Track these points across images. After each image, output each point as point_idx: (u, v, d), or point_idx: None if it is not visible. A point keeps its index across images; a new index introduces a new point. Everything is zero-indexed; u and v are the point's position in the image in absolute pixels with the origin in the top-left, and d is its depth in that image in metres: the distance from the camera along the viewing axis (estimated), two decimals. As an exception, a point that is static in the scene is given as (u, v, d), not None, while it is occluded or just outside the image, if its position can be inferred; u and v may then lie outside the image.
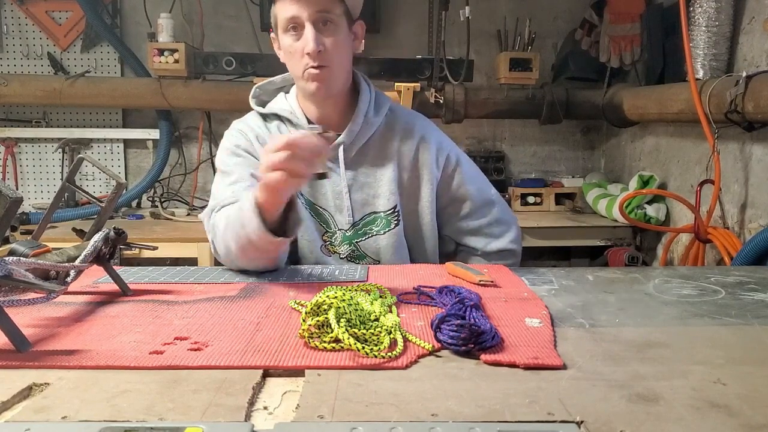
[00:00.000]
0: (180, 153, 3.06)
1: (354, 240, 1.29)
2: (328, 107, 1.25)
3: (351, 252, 1.29)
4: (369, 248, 1.29)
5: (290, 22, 1.15)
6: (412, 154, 1.29)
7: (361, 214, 1.28)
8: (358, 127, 1.25)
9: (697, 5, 2.09)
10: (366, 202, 1.28)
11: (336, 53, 1.17)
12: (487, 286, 1.01)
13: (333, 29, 1.16)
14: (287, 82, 1.34)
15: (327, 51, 1.15)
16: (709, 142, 2.00)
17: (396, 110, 1.33)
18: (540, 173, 3.19)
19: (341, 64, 1.20)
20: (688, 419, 0.54)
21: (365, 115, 1.26)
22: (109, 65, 2.98)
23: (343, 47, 1.19)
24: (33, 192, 3.01)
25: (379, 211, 1.28)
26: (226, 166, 1.23)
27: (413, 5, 2.96)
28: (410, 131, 1.30)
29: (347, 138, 1.24)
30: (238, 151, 1.24)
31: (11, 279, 0.68)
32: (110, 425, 0.52)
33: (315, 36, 1.13)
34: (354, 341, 0.68)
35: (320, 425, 0.53)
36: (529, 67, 2.72)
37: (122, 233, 0.94)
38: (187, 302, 0.92)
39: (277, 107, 1.28)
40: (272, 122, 1.29)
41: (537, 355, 0.68)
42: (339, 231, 1.28)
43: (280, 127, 1.28)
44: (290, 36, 1.16)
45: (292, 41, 1.16)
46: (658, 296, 0.97)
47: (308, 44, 1.13)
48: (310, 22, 1.13)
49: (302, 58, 1.16)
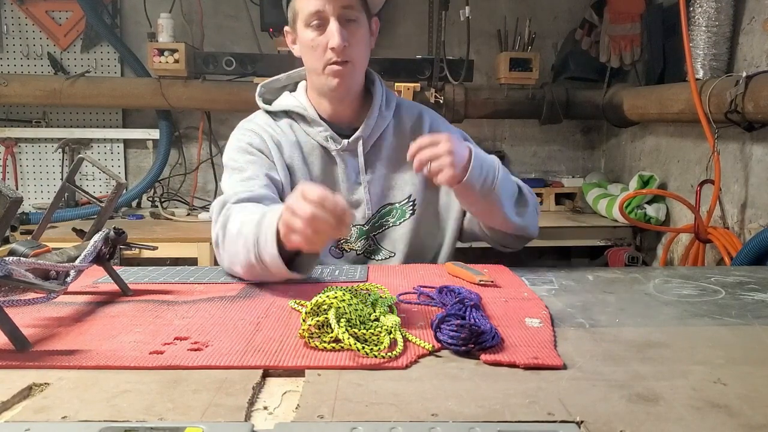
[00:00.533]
0: (180, 153, 3.06)
1: (372, 233, 1.29)
2: (342, 103, 1.25)
3: (368, 246, 1.29)
4: (385, 240, 1.29)
5: (314, 17, 1.14)
6: None
7: (378, 206, 1.28)
8: (374, 121, 1.25)
9: (697, 5, 2.09)
10: (383, 194, 1.28)
11: (358, 49, 1.17)
12: (487, 286, 1.01)
13: (355, 25, 1.16)
14: (292, 80, 1.33)
15: (350, 46, 1.14)
16: (709, 142, 2.00)
17: (402, 103, 1.34)
18: (540, 173, 3.19)
19: (362, 61, 1.20)
20: (688, 419, 0.54)
21: (379, 108, 1.26)
22: (109, 65, 2.98)
23: (364, 43, 1.19)
24: (33, 192, 3.01)
25: (395, 202, 1.29)
26: (237, 162, 1.20)
27: (413, 5, 2.96)
28: (420, 120, 1.32)
29: (364, 132, 1.24)
30: (250, 149, 1.22)
31: (11, 279, 0.68)
32: (110, 425, 0.52)
33: (340, 31, 1.12)
34: (354, 341, 0.68)
35: (320, 425, 0.53)
36: (529, 67, 2.71)
37: (122, 233, 0.94)
38: (187, 302, 0.92)
39: (288, 104, 1.27)
40: (281, 120, 1.28)
41: (537, 355, 0.68)
42: (355, 227, 1.27)
43: (291, 125, 1.27)
44: (312, 30, 1.15)
45: (315, 35, 1.15)
46: (658, 296, 0.97)
47: (334, 38, 1.12)
48: (335, 17, 1.13)
49: (325, 53, 1.15)
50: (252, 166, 1.19)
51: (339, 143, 1.24)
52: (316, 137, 1.25)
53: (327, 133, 1.24)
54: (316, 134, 1.25)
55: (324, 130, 1.24)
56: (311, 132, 1.25)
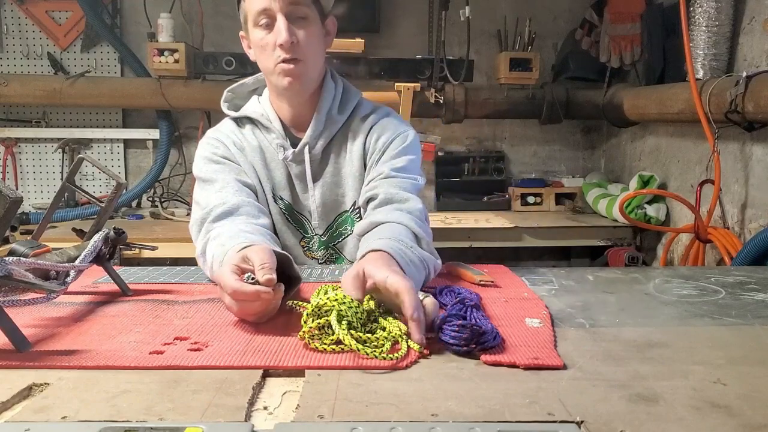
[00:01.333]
0: (180, 153, 3.06)
1: (331, 243, 1.25)
2: (301, 106, 1.20)
3: (329, 256, 1.26)
4: (346, 249, 1.26)
5: (261, 15, 1.11)
6: (369, 145, 1.23)
7: (334, 214, 1.24)
8: (321, 126, 1.20)
9: (697, 5, 2.09)
10: (335, 202, 1.23)
11: (309, 47, 1.13)
12: (487, 286, 1.01)
13: (305, 22, 1.12)
14: (260, 83, 1.29)
15: (300, 44, 1.11)
16: (709, 142, 2.00)
17: (361, 104, 1.27)
18: (540, 173, 3.19)
19: (314, 59, 1.16)
20: (688, 419, 0.54)
21: (328, 113, 1.21)
22: (109, 65, 2.98)
23: (316, 41, 1.15)
24: (33, 192, 3.01)
25: (347, 210, 1.24)
26: (207, 173, 1.17)
27: (413, 5, 2.96)
28: (369, 123, 1.24)
29: (310, 139, 1.19)
30: (216, 158, 1.19)
31: (11, 279, 0.68)
32: (110, 425, 0.52)
33: (288, 27, 1.09)
34: (355, 342, 0.68)
35: (320, 425, 0.53)
36: (529, 67, 2.72)
37: (122, 233, 0.94)
38: (187, 302, 0.92)
39: (249, 111, 1.24)
40: (245, 126, 1.25)
41: (537, 356, 0.68)
42: (315, 236, 1.24)
43: (254, 131, 1.23)
44: (261, 29, 1.12)
45: (264, 34, 1.11)
46: (658, 296, 0.97)
47: (281, 35, 1.09)
48: (283, 14, 1.09)
49: (274, 51, 1.11)
50: (221, 175, 1.16)
51: (287, 151, 1.19)
52: (273, 143, 1.21)
53: (279, 141, 1.20)
54: (272, 140, 1.21)
55: (276, 137, 1.20)
56: (269, 138, 1.22)
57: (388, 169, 1.15)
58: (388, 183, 1.13)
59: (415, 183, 1.16)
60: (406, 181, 1.14)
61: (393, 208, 1.08)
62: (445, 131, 3.03)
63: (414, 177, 1.17)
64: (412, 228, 1.03)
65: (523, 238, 2.57)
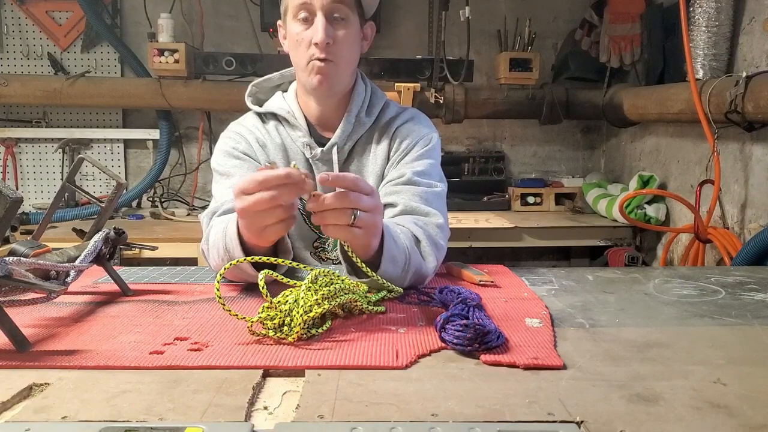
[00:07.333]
0: (180, 153, 3.06)
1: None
2: (328, 106, 1.21)
3: None
4: None
5: (302, 9, 1.10)
6: (393, 146, 1.23)
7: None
8: (351, 127, 1.20)
9: (697, 5, 2.09)
10: None
11: (344, 49, 1.12)
12: (487, 286, 1.01)
13: (344, 24, 1.11)
14: (285, 80, 1.29)
15: (335, 45, 1.10)
16: (709, 142, 2.00)
17: (388, 106, 1.28)
18: (540, 173, 3.19)
19: (348, 62, 1.16)
20: (688, 419, 0.54)
21: (357, 115, 1.21)
22: (109, 65, 2.98)
23: (352, 44, 1.14)
24: (33, 192, 3.01)
25: None
26: (224, 168, 1.18)
27: (413, 5, 2.96)
28: (395, 125, 1.24)
29: (339, 139, 1.20)
30: (236, 153, 1.20)
31: (11, 279, 0.68)
32: (110, 425, 0.52)
33: (325, 26, 1.08)
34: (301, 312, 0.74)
35: (320, 425, 0.53)
36: (529, 67, 2.72)
37: (122, 233, 0.94)
38: (187, 302, 0.92)
39: (275, 106, 1.24)
40: (269, 122, 1.25)
41: (537, 356, 0.68)
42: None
43: (277, 127, 1.23)
44: (299, 23, 1.11)
45: (301, 29, 1.11)
46: (658, 296, 0.97)
47: (317, 33, 1.08)
48: (323, 12, 1.09)
49: (309, 48, 1.11)
50: (238, 170, 1.16)
51: (315, 150, 1.20)
52: (298, 141, 1.21)
53: (305, 139, 1.20)
54: (297, 138, 1.21)
55: (303, 136, 1.20)
56: (294, 136, 1.22)
57: (410, 172, 1.15)
58: (410, 192, 1.13)
59: (436, 191, 1.15)
60: (429, 191, 1.14)
61: (410, 219, 1.08)
62: (445, 131, 3.03)
63: (435, 183, 1.16)
64: (415, 232, 1.03)
65: (523, 238, 2.57)
